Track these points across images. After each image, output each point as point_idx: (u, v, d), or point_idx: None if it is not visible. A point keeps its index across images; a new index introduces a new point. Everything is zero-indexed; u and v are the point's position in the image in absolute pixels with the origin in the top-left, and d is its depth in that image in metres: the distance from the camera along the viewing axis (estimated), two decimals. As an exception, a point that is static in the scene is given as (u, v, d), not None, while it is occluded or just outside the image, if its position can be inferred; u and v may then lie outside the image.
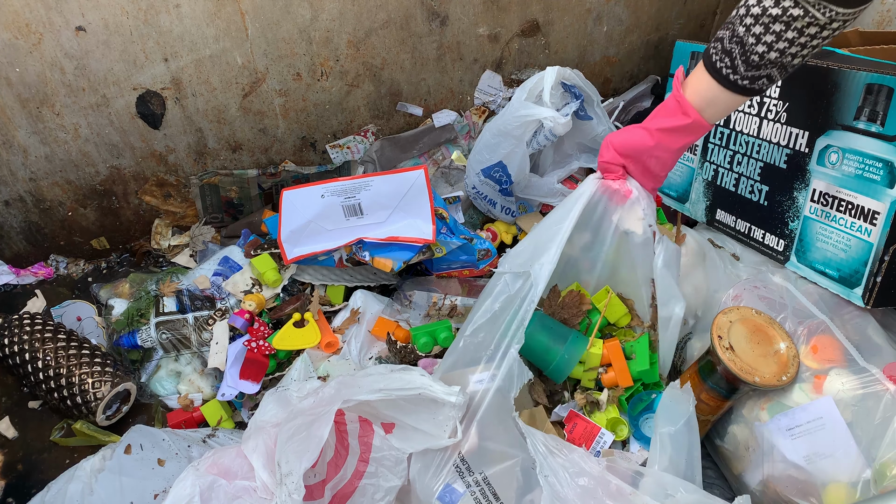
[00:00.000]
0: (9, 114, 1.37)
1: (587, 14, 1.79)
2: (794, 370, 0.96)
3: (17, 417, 1.26)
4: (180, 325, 1.31)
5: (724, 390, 0.99)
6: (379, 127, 1.75)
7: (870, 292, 1.00)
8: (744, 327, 1.01)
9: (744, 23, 0.81)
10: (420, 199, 1.37)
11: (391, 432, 0.95)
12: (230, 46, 1.46)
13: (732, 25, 0.82)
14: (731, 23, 0.83)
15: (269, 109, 1.59)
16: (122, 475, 1.01)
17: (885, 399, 0.88)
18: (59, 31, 1.31)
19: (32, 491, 1.07)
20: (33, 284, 1.51)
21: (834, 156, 1.04)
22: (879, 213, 0.97)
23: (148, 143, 1.52)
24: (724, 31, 0.84)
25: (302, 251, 1.36)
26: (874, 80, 0.97)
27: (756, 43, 0.81)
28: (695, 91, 0.89)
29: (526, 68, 1.82)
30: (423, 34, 1.64)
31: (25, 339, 1.23)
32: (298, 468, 0.81)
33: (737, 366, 0.95)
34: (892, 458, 0.84)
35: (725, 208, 1.28)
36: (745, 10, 0.82)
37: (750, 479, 0.99)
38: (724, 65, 0.84)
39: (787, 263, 1.14)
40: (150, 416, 1.28)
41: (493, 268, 1.54)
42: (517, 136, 1.47)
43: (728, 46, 0.82)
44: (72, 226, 1.58)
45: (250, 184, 1.66)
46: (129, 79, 1.42)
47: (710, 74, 0.86)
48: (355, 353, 1.26)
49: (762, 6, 0.79)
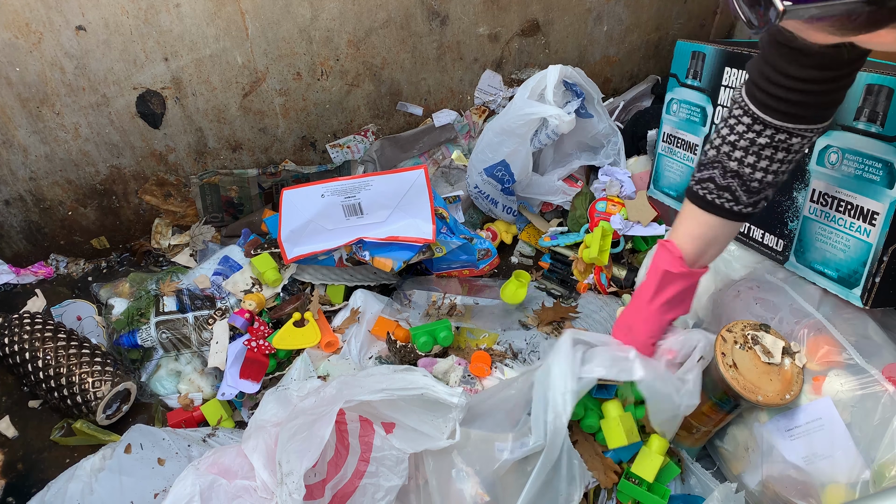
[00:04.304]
0: (9, 113, 1.37)
1: (587, 14, 1.79)
2: (798, 388, 0.95)
3: (18, 417, 1.26)
4: (180, 324, 1.31)
5: (727, 406, 0.99)
6: (379, 126, 1.75)
7: (868, 293, 1.00)
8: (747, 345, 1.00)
9: (733, 157, 0.86)
10: (420, 198, 1.37)
11: (392, 432, 0.95)
12: (230, 46, 1.46)
13: (720, 164, 0.87)
14: (718, 162, 0.87)
15: (270, 109, 1.59)
16: (122, 474, 1.01)
17: (883, 400, 0.88)
18: (60, 31, 1.31)
19: (32, 490, 1.07)
20: (33, 284, 1.51)
21: (833, 156, 1.04)
22: (879, 213, 0.97)
23: (148, 142, 1.52)
24: (709, 171, 0.88)
25: (302, 251, 1.36)
26: (874, 80, 0.97)
27: (753, 171, 0.86)
28: (692, 237, 0.92)
29: (526, 68, 1.82)
30: (423, 34, 1.64)
31: (26, 339, 1.23)
32: (299, 468, 0.81)
33: (739, 384, 0.95)
34: (890, 459, 0.85)
35: (725, 208, 1.28)
36: (729, 147, 0.87)
37: (749, 479, 0.99)
38: (725, 199, 0.88)
39: (786, 263, 1.14)
40: (150, 415, 1.28)
41: (493, 268, 1.54)
42: (521, 134, 1.47)
43: (724, 183, 0.87)
44: (72, 225, 1.58)
45: (250, 183, 1.66)
46: (130, 78, 1.42)
47: (711, 212, 0.90)
48: (355, 353, 1.26)
49: (748, 138, 0.85)
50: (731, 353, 0.98)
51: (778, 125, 0.84)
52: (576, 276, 1.47)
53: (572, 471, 0.90)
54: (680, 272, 0.91)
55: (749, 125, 0.86)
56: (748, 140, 0.85)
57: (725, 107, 1.26)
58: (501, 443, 0.91)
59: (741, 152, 0.86)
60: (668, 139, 1.43)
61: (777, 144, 0.85)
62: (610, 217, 1.46)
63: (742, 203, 0.89)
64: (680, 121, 1.39)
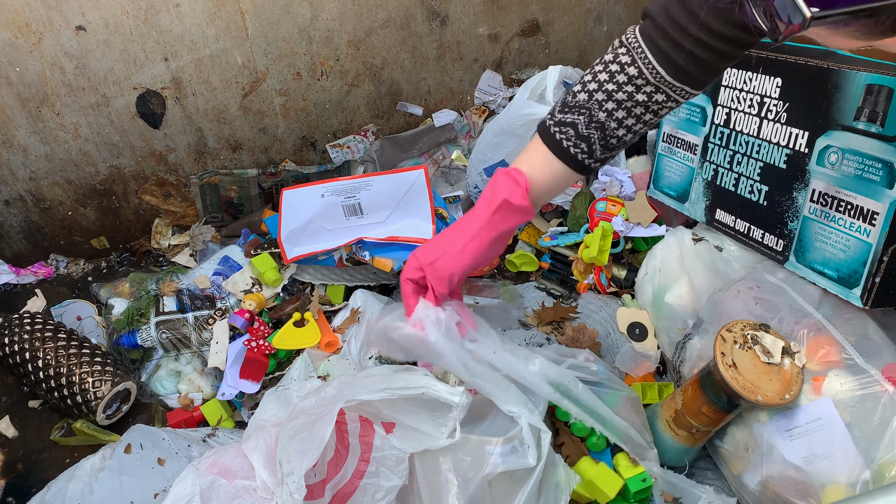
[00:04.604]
0: (9, 113, 1.37)
1: (587, 14, 1.79)
2: (798, 388, 0.95)
3: (17, 417, 1.26)
4: (180, 324, 1.31)
5: (726, 405, 0.99)
6: (379, 126, 1.75)
7: (868, 293, 1.00)
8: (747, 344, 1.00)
9: (604, 108, 0.80)
10: (420, 198, 1.37)
11: (392, 432, 0.95)
12: (230, 46, 1.46)
13: (588, 111, 0.80)
14: (587, 109, 0.80)
15: (269, 109, 1.59)
16: (122, 475, 1.01)
17: (883, 400, 0.88)
18: (60, 31, 1.31)
19: (32, 490, 1.07)
20: (33, 284, 1.51)
21: (833, 156, 1.04)
22: (879, 213, 0.97)
23: (148, 142, 1.52)
24: (574, 115, 0.81)
25: (302, 251, 1.36)
26: (874, 80, 0.97)
27: (618, 127, 0.80)
28: (539, 176, 0.84)
29: (526, 68, 1.82)
30: (423, 34, 1.64)
31: (25, 339, 1.23)
32: (300, 468, 0.81)
33: (739, 384, 0.95)
34: (890, 459, 0.85)
35: (725, 208, 1.28)
36: (604, 95, 0.80)
37: (749, 479, 0.99)
38: (580, 150, 0.82)
39: (786, 263, 1.14)
40: (150, 415, 1.28)
41: (492, 268, 1.54)
42: (520, 134, 1.47)
43: (585, 133, 0.80)
44: (72, 225, 1.58)
45: (250, 183, 1.66)
46: (130, 78, 1.42)
47: (562, 160, 0.83)
48: (355, 353, 1.26)
49: (627, 91, 0.78)
50: (731, 353, 0.98)
51: (667, 81, 0.78)
52: (576, 276, 1.47)
53: (557, 476, 0.90)
54: (520, 206, 0.83)
55: (632, 77, 0.79)
56: (626, 94, 0.79)
57: (722, 105, 1.27)
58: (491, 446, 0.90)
59: (613, 104, 0.80)
60: (668, 139, 1.43)
61: (650, 105, 0.80)
62: (611, 218, 1.46)
63: (594, 158, 0.83)
64: (680, 121, 1.39)
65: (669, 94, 0.80)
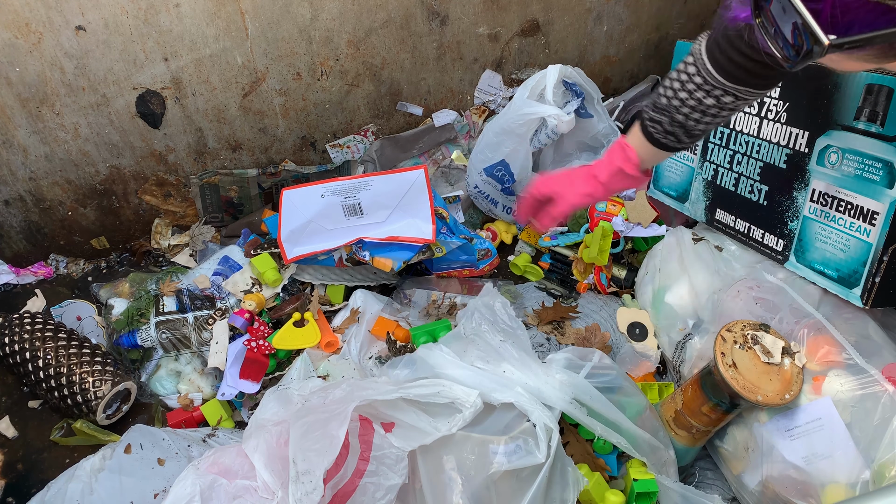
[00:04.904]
0: (9, 113, 1.37)
1: (587, 13, 1.79)
2: (798, 388, 0.95)
3: (18, 417, 1.26)
4: (180, 324, 1.31)
5: (726, 405, 0.99)
6: (379, 126, 1.75)
7: (868, 292, 1.00)
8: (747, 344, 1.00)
9: (681, 111, 0.94)
10: (420, 198, 1.37)
11: (391, 431, 0.95)
12: (230, 46, 1.46)
13: (669, 113, 0.95)
14: (668, 111, 0.95)
15: (269, 109, 1.59)
16: (122, 475, 1.01)
17: (883, 400, 0.88)
18: (59, 31, 1.31)
19: (32, 490, 1.07)
20: (33, 284, 1.51)
21: (833, 156, 1.04)
22: (879, 213, 0.97)
23: (148, 142, 1.52)
24: (661, 115, 0.97)
25: (302, 251, 1.36)
26: (874, 80, 0.97)
27: (696, 124, 0.94)
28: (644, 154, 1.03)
29: (526, 68, 1.82)
30: (423, 34, 1.64)
31: (26, 339, 1.23)
32: (318, 467, 0.81)
33: (739, 384, 0.95)
34: (890, 459, 0.85)
35: (725, 208, 1.28)
36: (678, 102, 0.93)
37: (749, 479, 0.99)
38: (670, 140, 0.98)
39: (786, 263, 1.14)
40: (150, 415, 1.28)
41: (492, 268, 1.54)
42: (520, 134, 1.47)
43: (671, 128, 0.96)
44: (72, 225, 1.58)
45: (250, 183, 1.66)
46: (129, 78, 1.42)
47: (658, 147, 1.00)
48: (355, 353, 1.26)
49: (697, 98, 0.91)
50: (731, 353, 0.98)
51: (729, 87, 0.88)
52: (576, 276, 1.47)
53: (565, 476, 0.90)
54: (632, 175, 1.02)
55: (700, 84, 0.90)
56: (696, 100, 0.91)
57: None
58: (495, 445, 0.90)
59: (688, 109, 0.93)
60: (668, 139, 1.43)
61: (722, 105, 0.91)
62: (611, 218, 1.46)
63: (683, 143, 0.98)
64: (680, 121, 1.39)
65: (738, 95, 0.89)
